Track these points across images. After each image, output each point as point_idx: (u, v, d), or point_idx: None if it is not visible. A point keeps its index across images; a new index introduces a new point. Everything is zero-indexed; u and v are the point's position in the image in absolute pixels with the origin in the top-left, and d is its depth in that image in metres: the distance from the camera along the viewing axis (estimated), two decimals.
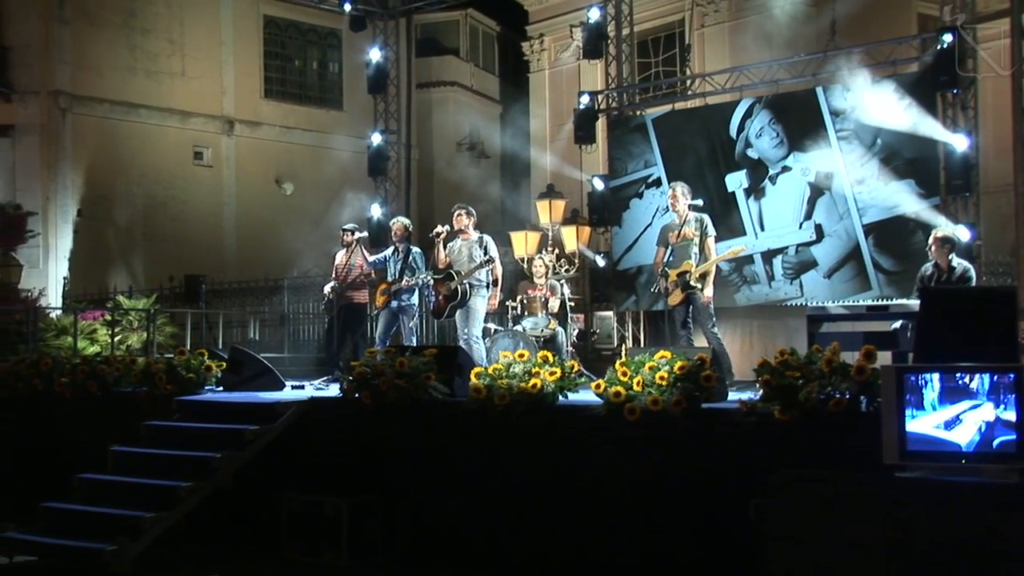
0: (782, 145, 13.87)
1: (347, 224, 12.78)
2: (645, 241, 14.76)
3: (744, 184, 14.08)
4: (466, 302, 11.04)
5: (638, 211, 15.18)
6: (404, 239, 11.98)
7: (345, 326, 12.19)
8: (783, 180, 13.80)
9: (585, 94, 16.49)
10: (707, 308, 10.27)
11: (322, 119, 24.69)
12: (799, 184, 13.67)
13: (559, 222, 17.04)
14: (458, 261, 11.24)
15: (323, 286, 12.57)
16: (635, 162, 15.34)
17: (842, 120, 13.35)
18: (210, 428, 9.03)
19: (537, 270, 13.43)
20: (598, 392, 7.53)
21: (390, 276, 11.89)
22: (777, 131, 13.91)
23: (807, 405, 6.50)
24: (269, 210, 23.13)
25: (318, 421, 9.00)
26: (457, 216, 11.32)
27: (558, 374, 7.92)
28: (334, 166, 22.65)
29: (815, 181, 13.54)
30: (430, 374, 8.42)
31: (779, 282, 13.80)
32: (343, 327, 12.17)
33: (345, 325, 12.18)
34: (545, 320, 12.82)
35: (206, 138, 23.31)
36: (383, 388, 8.41)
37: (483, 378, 8.09)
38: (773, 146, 13.95)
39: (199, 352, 10.73)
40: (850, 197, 13.27)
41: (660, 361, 7.43)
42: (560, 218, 17.17)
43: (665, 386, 7.20)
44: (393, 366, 8.46)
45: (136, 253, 21.58)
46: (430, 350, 8.75)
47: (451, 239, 11.40)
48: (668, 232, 10.66)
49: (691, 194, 10.60)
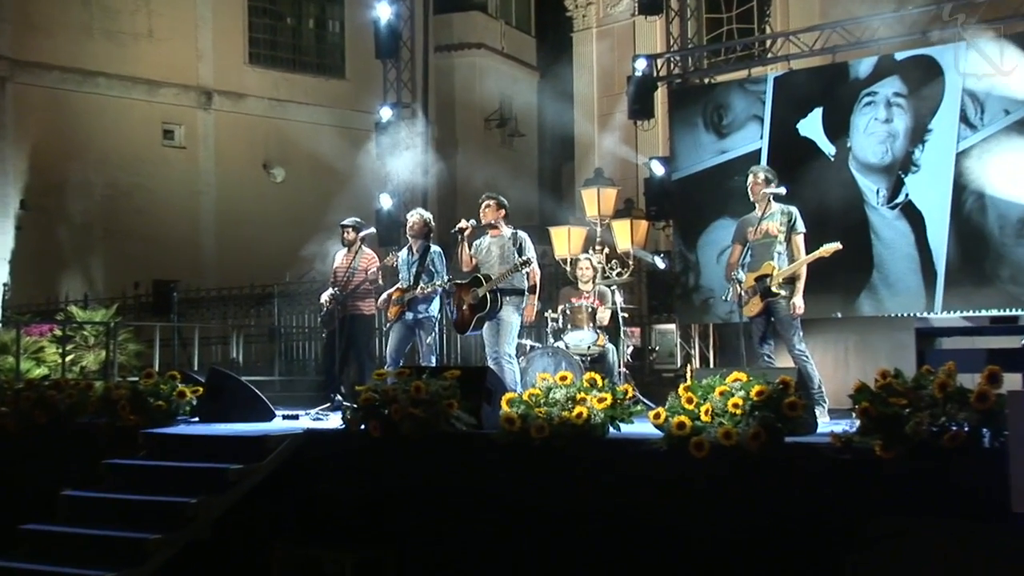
0: (899, 118, 13.97)
1: (348, 219, 12.78)
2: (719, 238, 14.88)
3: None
4: (496, 313, 11.06)
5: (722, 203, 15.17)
6: (422, 236, 12.01)
7: (348, 343, 12.18)
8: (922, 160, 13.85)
9: (641, 58, 16.52)
10: (792, 320, 10.29)
11: (320, 90, 24.87)
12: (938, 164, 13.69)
13: (609, 215, 16.94)
14: (487, 263, 11.27)
15: (321, 294, 12.59)
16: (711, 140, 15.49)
17: (970, 88, 13.38)
18: (184, 467, 9.06)
19: (583, 274, 13.36)
20: (657, 423, 7.54)
21: (404, 281, 11.91)
22: (896, 102, 14.01)
23: (915, 439, 6.46)
24: (256, 201, 23.31)
25: (316, 458, 9.04)
26: (485, 208, 11.33)
27: (608, 401, 7.93)
28: (335, 147, 22.58)
29: (942, 163, 13.61)
30: (452, 401, 8.44)
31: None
32: (346, 344, 12.16)
33: (348, 341, 12.17)
34: (592, 335, 12.71)
35: (178, 113, 23.53)
36: (395, 418, 8.43)
37: (517, 406, 8.11)
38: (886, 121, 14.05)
39: (170, 375, 10.80)
40: (978, 181, 13.31)
41: (734, 385, 7.43)
42: (611, 210, 17.06)
43: (740, 416, 7.20)
44: (407, 391, 8.49)
45: (93, 254, 21.80)
46: (452, 372, 8.79)
47: (478, 236, 11.44)
48: (746, 227, 10.67)
49: (776, 180, 10.63)
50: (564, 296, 13.37)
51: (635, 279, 16.89)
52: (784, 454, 7.10)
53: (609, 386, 8.13)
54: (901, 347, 11.53)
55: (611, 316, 13.16)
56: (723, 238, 14.33)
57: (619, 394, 8.06)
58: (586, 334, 12.73)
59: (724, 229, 14.50)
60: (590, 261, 13.58)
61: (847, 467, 6.76)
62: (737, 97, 15.39)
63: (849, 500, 6.72)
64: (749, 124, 15.21)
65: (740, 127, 15.30)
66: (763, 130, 15.07)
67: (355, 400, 8.84)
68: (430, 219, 12.26)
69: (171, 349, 16.92)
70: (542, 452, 7.87)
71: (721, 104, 15.49)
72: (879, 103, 14.08)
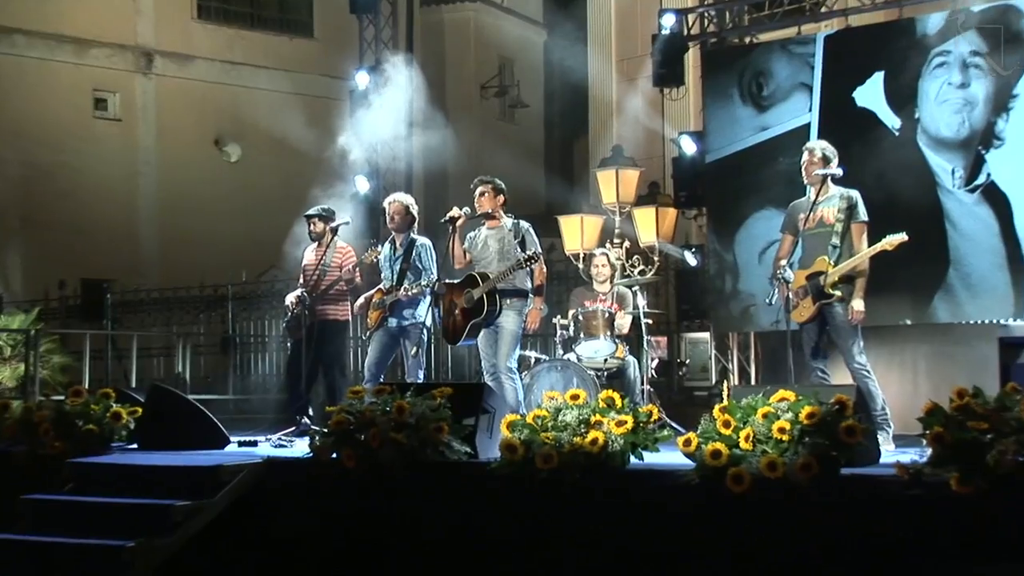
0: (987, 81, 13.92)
1: (315, 207, 12.81)
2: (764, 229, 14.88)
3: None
4: (494, 319, 11.09)
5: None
6: (406, 227, 12.04)
7: (318, 354, 12.25)
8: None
9: (669, 13, 16.57)
10: (851, 328, 10.31)
11: (283, 51, 24.89)
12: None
13: (630, 202, 16.94)
14: (483, 259, 11.31)
15: (286, 296, 12.65)
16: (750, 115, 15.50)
17: None
18: (120, 504, 9.01)
19: (598, 272, 13.42)
20: (688, 451, 7.54)
21: (386, 281, 11.96)
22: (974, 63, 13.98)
23: (999, 471, 6.41)
24: (206, 185, 23.37)
25: (278, 493, 9.05)
26: (481, 193, 11.38)
27: (629, 424, 7.91)
28: (302, 120, 22.22)
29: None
30: (442, 425, 8.44)
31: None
32: (315, 356, 12.23)
33: (318, 353, 12.24)
34: (610, 345, 12.75)
35: (113, 79, 23.55)
36: (373, 445, 8.42)
37: (519, 430, 8.11)
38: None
39: (103, 393, 10.77)
40: None
41: (779, 406, 7.43)
42: (632, 196, 17.08)
43: (787, 443, 7.19)
44: (388, 413, 8.49)
45: (8, 247, 21.89)
46: (443, 389, 8.79)
47: (472, 227, 11.49)
48: (797, 214, 10.74)
49: (836, 159, 10.66)
50: (576, 299, 13.41)
51: (661, 278, 16.81)
52: (840, 489, 7.05)
53: (630, 407, 8.12)
54: (982, 361, 11.74)
55: (632, 323, 13.15)
56: (765, 233, 14.54)
57: (642, 416, 8.04)
58: (602, 344, 12.74)
59: (766, 222, 14.66)
60: (607, 257, 13.62)
61: (916, 504, 6.69)
62: (780, 61, 15.37)
63: (919, 543, 6.67)
64: (795, 94, 15.19)
65: (784, 98, 15.29)
66: (812, 101, 15.04)
67: (325, 423, 8.80)
68: (413, 205, 12.26)
69: (104, 362, 16.98)
70: (549, 486, 7.82)
71: (761, 70, 15.48)
72: (953, 65, 14.00)
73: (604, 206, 17.14)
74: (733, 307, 15.57)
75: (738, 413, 7.50)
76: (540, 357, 13.07)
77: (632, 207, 16.86)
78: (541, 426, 8.07)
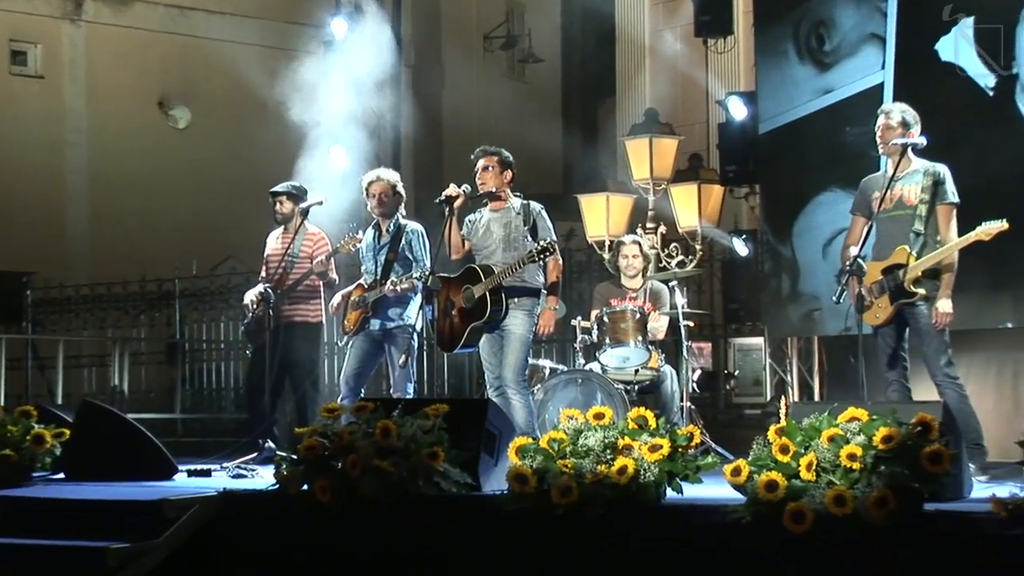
0: None
1: (283, 183, 12.92)
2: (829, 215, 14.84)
3: None
4: (500, 322, 11.15)
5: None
6: (392, 210, 12.13)
7: (285, 364, 12.38)
8: None
9: None
10: (938, 333, 10.34)
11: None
12: None
13: (667, 178, 17.05)
14: (485, 248, 11.39)
15: (245, 293, 12.84)
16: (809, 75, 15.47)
17: None
18: (43, 546, 8.95)
19: (628, 264, 13.55)
20: (737, 483, 7.54)
21: (368, 275, 12.10)
22: None
23: None
24: (148, 156, 23.39)
25: (237, 533, 9.04)
26: (484, 168, 11.40)
27: (665, 450, 7.89)
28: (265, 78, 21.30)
29: None
30: (437, 450, 8.43)
31: None
32: (281, 365, 12.34)
33: (285, 362, 12.37)
34: (642, 352, 12.79)
35: (33, 27, 23.62)
36: (353, 475, 8.39)
37: (531, 456, 8.10)
38: None
39: (22, 411, 10.81)
40: None
41: (849, 427, 7.39)
42: (669, 171, 17.19)
43: (858, 472, 7.14)
44: (371, 435, 8.47)
45: None
46: (438, 407, 8.79)
47: (473, 209, 11.57)
48: (871, 192, 10.77)
49: (918, 125, 10.67)
50: (600, 297, 13.51)
51: (704, 271, 16.91)
52: (923, 528, 7.00)
53: (666, 428, 8.12)
54: None
55: (669, 325, 13.29)
56: (830, 220, 14.53)
57: (681, 440, 8.05)
58: (633, 352, 12.79)
59: (831, 207, 14.69)
60: (639, 245, 13.70)
61: (1016, 547, 6.64)
62: (844, 8, 15.27)
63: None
64: (864, 48, 15.07)
65: (850, 53, 15.20)
66: (885, 55, 14.89)
67: (294, 448, 8.79)
68: (399, 183, 12.29)
69: (23, 373, 16.98)
70: (567, 525, 7.79)
71: (821, 19, 15.40)
72: None
73: (635, 183, 17.23)
74: (792, 312, 15.60)
75: (798, 436, 7.47)
76: (556, 368, 13.17)
77: (669, 184, 16.97)
78: (558, 452, 8.05)
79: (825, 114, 15.30)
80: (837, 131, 14.93)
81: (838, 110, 15.15)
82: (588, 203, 16.70)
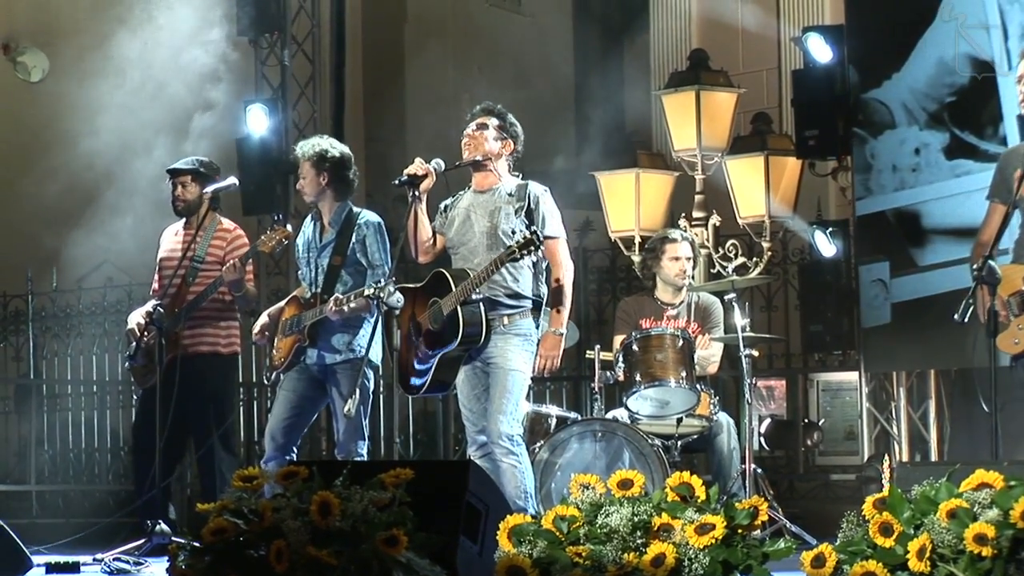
0: None
1: (184, 159, 12.11)
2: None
3: None
4: (481, 350, 9.92)
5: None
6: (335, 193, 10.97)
7: (184, 412, 11.33)
8: None
9: None
10: None
11: None
12: None
13: (722, 148, 15.70)
14: (462, 245, 10.18)
15: (130, 314, 12.13)
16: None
17: None
18: None
19: (668, 269, 12.24)
20: (820, 575, 6.98)
21: (307, 283, 11.07)
22: None
23: None
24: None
25: None
26: (480, 127, 10.15)
27: (719, 531, 7.17)
28: (153, 17, 20.83)
29: None
30: (397, 533, 7.33)
31: None
32: (179, 415, 11.24)
33: (185, 409, 11.30)
34: (687, 394, 11.55)
35: None
36: (278, 570, 7.36)
37: (530, 542, 7.37)
38: None
39: None
40: None
41: (977, 497, 6.72)
42: (725, 138, 15.78)
43: (990, 560, 6.52)
44: (304, 514, 7.42)
45: None
46: (399, 472, 7.78)
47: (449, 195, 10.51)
48: (1011, 168, 9.72)
49: None
50: (628, 316, 12.55)
51: (776, 279, 15.64)
52: None
53: (721, 500, 7.52)
54: None
55: (725, 355, 12.72)
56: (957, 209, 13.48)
57: (742, 517, 7.28)
58: (674, 394, 11.70)
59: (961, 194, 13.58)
60: (689, 244, 12.51)
61: None
62: None
63: None
64: None
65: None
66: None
67: (196, 532, 7.61)
68: (347, 155, 11.12)
69: None
70: None
71: None
72: None
73: (676, 154, 15.98)
74: (900, 337, 14.25)
75: (906, 510, 6.87)
76: (566, 416, 12.04)
77: (724, 156, 15.72)
78: (568, 535, 7.38)
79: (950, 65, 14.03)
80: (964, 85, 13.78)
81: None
82: (610, 183, 15.61)
